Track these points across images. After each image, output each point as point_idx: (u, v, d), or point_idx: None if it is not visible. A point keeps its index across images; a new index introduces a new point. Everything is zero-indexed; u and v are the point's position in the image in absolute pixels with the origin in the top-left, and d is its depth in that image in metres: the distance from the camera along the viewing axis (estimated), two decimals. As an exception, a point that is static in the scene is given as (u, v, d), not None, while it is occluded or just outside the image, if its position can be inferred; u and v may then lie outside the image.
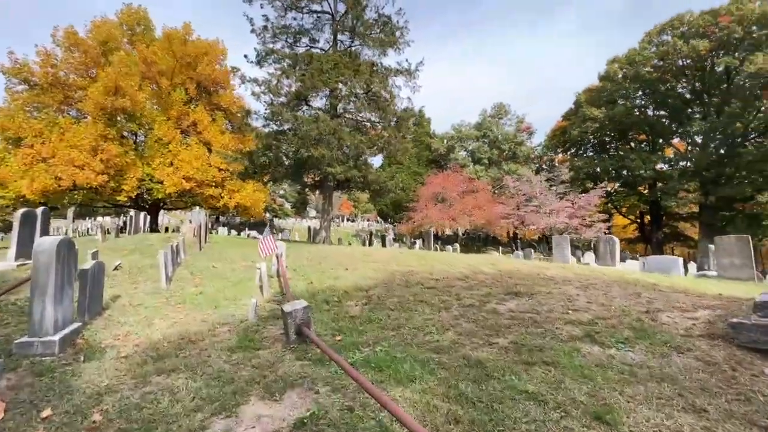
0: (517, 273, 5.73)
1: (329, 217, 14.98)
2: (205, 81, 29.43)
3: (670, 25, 36.40)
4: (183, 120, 27.64)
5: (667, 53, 34.49)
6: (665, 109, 40.09)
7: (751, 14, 29.57)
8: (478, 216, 31.82)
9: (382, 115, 12.75)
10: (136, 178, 23.87)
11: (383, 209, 57.62)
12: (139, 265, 7.66)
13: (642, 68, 36.91)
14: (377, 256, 8.67)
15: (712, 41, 31.54)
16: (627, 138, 44.56)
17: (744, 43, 30.21)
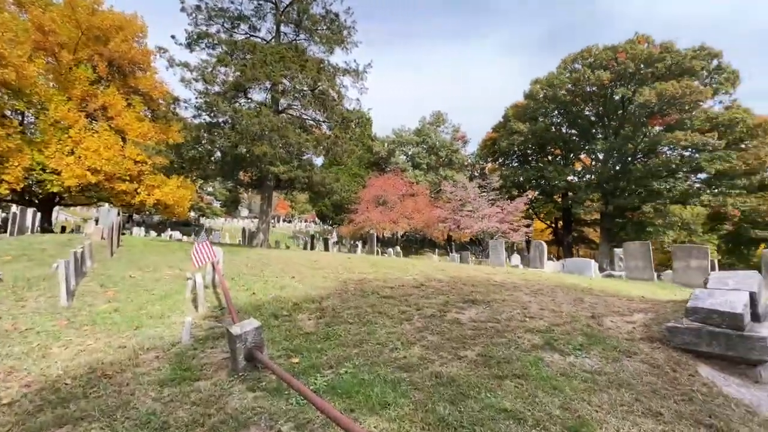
0: (469, 280, 5.86)
1: (268, 218, 14.04)
2: (120, 60, 25.75)
3: (580, 55, 41.68)
4: (89, 102, 23.82)
5: (578, 80, 39.42)
6: (576, 128, 45.80)
7: (641, 54, 35.26)
8: (418, 219, 32.81)
9: (328, 114, 12.31)
10: (23, 167, 19.90)
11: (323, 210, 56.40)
12: (28, 276, 6.21)
13: (558, 90, 41.63)
14: (325, 262, 8.26)
15: (612, 73, 36.87)
16: (546, 151, 49.96)
17: (635, 78, 35.86)
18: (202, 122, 12.62)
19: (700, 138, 31.45)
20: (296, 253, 10.74)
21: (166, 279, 6.71)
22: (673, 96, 31.06)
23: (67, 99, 22.48)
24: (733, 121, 32.86)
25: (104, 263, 8.06)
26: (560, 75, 42.10)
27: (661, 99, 31.86)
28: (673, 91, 30.79)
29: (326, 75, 11.68)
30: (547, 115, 45.33)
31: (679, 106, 32.54)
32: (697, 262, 8.12)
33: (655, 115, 34.37)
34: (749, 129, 33.04)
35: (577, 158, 48.03)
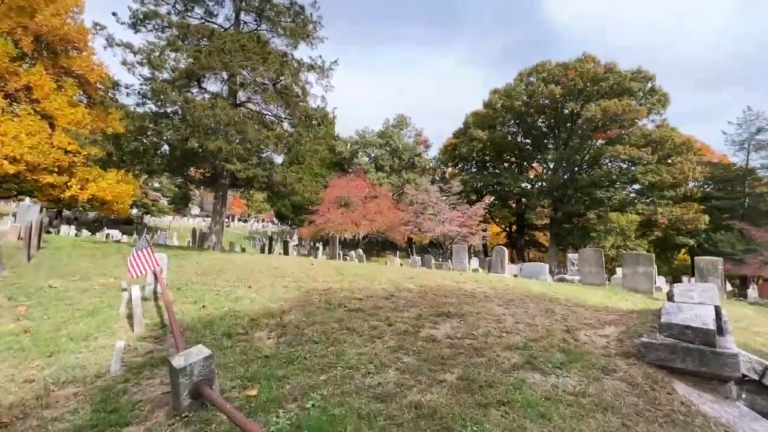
0: (440, 289, 5.67)
1: (222, 219, 13.02)
2: (49, 36, 22.83)
3: (535, 69, 44.17)
4: (9, 81, 20.83)
5: (533, 92, 41.74)
6: (530, 137, 48.48)
7: (588, 73, 38.12)
8: (380, 221, 32.66)
9: (291, 111, 11.65)
10: None
11: (282, 210, 54.41)
12: None
13: (515, 101, 43.76)
14: (286, 269, 7.69)
15: (563, 88, 39.48)
16: (502, 159, 52.37)
17: (583, 94, 38.70)
18: (147, 111, 11.37)
19: (637, 152, 34.64)
20: (254, 257, 9.98)
21: (96, 290, 5.79)
22: (615, 113, 33.88)
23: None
24: (663, 138, 36.59)
25: (18, 270, 6.84)
26: (517, 87, 44.31)
27: (605, 115, 34.62)
28: (615, 109, 33.60)
29: (290, 69, 11.04)
30: (505, 124, 47.51)
31: (619, 123, 35.57)
32: (644, 269, 8.70)
33: (599, 129, 37.32)
34: (676, 146, 36.94)
35: (530, 166, 50.86)
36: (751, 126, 39.81)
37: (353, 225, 32.72)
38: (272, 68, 10.10)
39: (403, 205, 37.68)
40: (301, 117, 12.23)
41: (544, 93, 40.38)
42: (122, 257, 9.13)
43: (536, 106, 43.87)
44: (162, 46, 9.83)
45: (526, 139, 49.08)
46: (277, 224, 68.39)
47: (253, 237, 48.84)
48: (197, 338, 4.02)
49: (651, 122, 40.50)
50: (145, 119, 10.85)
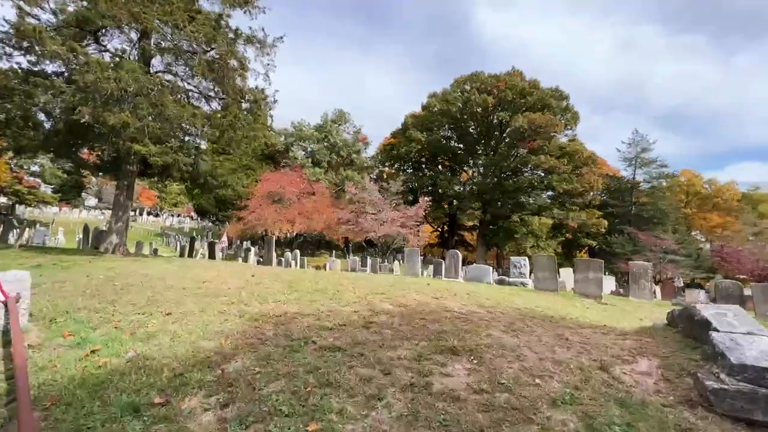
0: (423, 310, 4.72)
1: (126, 214, 10.40)
2: None
3: (470, 78, 46.42)
4: None
5: (468, 99, 43.76)
6: (463, 142, 50.89)
7: (516, 86, 41.18)
8: (318, 220, 30.86)
9: (225, 88, 9.66)
10: None
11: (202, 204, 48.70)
12: None
13: (451, 107, 45.46)
14: (218, 283, 6.01)
15: (494, 98, 42.09)
16: (437, 161, 54.22)
17: (512, 105, 41.71)
18: (16, 67, 8.35)
19: (556, 162, 38.44)
20: (171, 265, 7.90)
21: None
22: (540, 125, 37.09)
23: None
24: (575, 151, 41.26)
25: None
26: (453, 92, 46.06)
27: (530, 126, 37.70)
28: (540, 122, 36.78)
29: (224, 37, 9.08)
30: (440, 127, 49.09)
31: (542, 135, 39.09)
32: (594, 274, 8.98)
33: (525, 139, 40.60)
34: (584, 159, 41.96)
35: (462, 170, 53.51)
36: (638, 146, 47.23)
37: (288, 223, 30.36)
38: (202, 31, 8.09)
39: (341, 203, 36.31)
40: (235, 97, 10.27)
41: (478, 101, 42.58)
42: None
43: (470, 113, 46.14)
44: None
45: (459, 143, 51.45)
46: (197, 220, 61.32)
47: (167, 234, 42.81)
48: (77, 417, 2.45)
49: (564, 137, 45.50)
50: (8, 77, 7.91)
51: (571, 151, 41.26)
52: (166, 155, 7.84)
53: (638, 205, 46.55)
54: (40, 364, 3.02)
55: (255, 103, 10.67)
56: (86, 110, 6.54)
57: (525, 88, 40.86)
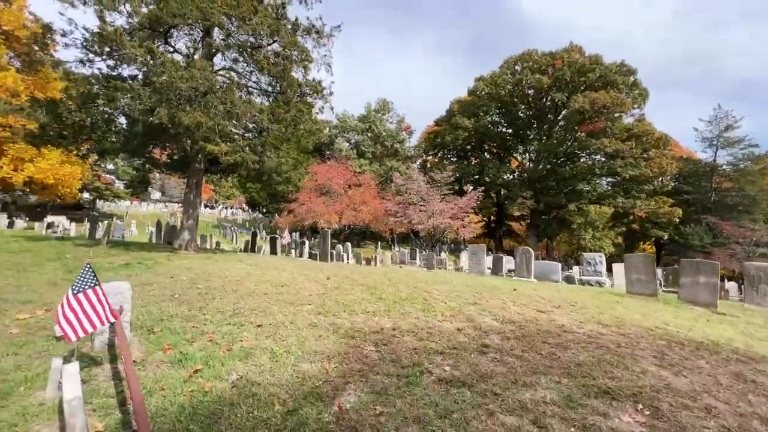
0: (534, 328, 4.07)
1: (196, 212, 10.71)
2: (-34, -20, 18.58)
3: (521, 58, 43.29)
4: None
5: (519, 81, 40.91)
6: (512, 127, 48.01)
7: (575, 63, 37.67)
8: (366, 212, 30.77)
9: (288, 82, 9.43)
10: None
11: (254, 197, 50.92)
12: None
13: (500, 90, 42.81)
14: (297, 287, 5.79)
15: (550, 78, 38.90)
16: (483, 148, 51.81)
17: (570, 85, 38.30)
18: (95, 72, 8.73)
19: (621, 145, 34.84)
20: (243, 265, 7.90)
21: (11, 338, 3.67)
22: (603, 105, 33.68)
23: None
24: (644, 132, 37.10)
25: None
26: (502, 75, 43.29)
27: (592, 107, 34.35)
28: (604, 101, 33.37)
29: (285, 29, 8.80)
30: (488, 112, 46.61)
31: (606, 115, 35.53)
32: (707, 279, 7.65)
33: (585, 121, 37.18)
34: (654, 141, 37.65)
35: (512, 157, 50.65)
36: (720, 123, 41.47)
37: (337, 215, 30.61)
38: (266, 22, 7.84)
39: (387, 193, 35.94)
40: (295, 90, 10.02)
41: (531, 82, 39.62)
42: (63, 267, 6.81)
43: (521, 96, 43.19)
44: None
45: (508, 128, 48.57)
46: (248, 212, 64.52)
47: (223, 226, 45.38)
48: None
49: (631, 117, 41.07)
50: (91, 83, 8.26)
51: (639, 132, 37.16)
52: (236, 153, 7.80)
53: (719, 191, 41.19)
54: (148, 387, 2.84)
55: (313, 95, 10.38)
56: (163, 111, 6.59)
57: (585, 64, 37.25)
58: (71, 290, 2.63)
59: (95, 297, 2.65)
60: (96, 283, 2.69)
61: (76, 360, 2.59)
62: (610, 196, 39.02)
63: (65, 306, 2.57)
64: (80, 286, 2.63)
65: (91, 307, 2.62)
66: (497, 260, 14.79)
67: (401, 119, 49.80)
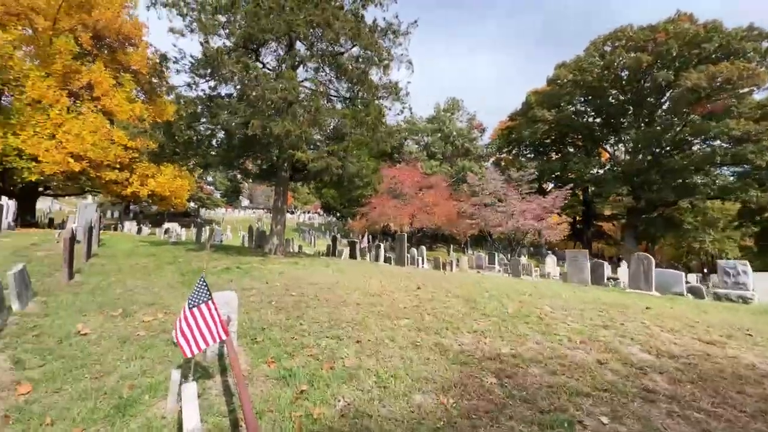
0: (707, 366, 3.10)
1: (284, 218, 11.25)
2: (106, 31, 22.60)
3: (611, 37, 38.24)
4: (72, 79, 20.74)
5: (612, 62, 36.09)
6: (601, 116, 42.64)
7: (685, 34, 31.87)
8: (439, 214, 29.96)
9: (366, 87, 9.34)
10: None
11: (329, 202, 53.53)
12: None
13: (587, 75, 38.34)
14: (389, 296, 5.48)
15: (650, 54, 33.55)
16: (566, 142, 46.91)
17: (678, 60, 32.54)
18: (199, 95, 9.70)
19: (754, 126, 28.33)
20: (329, 270, 7.94)
21: (139, 338, 3.95)
22: (727, 79, 27.83)
23: (47, 75, 19.42)
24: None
25: (51, 297, 5.30)
26: (589, 58, 38.73)
27: (710, 83, 28.62)
28: (727, 74, 27.55)
29: (365, 31, 8.71)
30: (572, 101, 42.15)
31: (730, 91, 29.31)
32: None
33: (699, 101, 31.14)
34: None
35: (602, 148, 45.04)
36: None
37: (409, 218, 30.36)
38: (347, 26, 7.83)
39: (460, 195, 34.59)
40: (374, 93, 9.89)
41: (626, 62, 34.65)
42: (177, 270, 7.53)
43: (613, 79, 38.07)
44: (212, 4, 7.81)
45: (596, 118, 43.26)
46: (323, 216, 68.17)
47: (302, 229, 48.45)
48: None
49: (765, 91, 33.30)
50: (196, 104, 9.17)
51: (777, 109, 29.92)
52: (321, 159, 7.91)
53: None
54: (258, 407, 2.70)
55: (391, 96, 10.14)
56: (256, 122, 6.95)
57: (699, 34, 31.29)
58: (187, 304, 2.60)
59: (208, 312, 2.58)
60: (209, 297, 2.63)
61: (194, 379, 2.54)
62: (737, 189, 32.01)
63: (182, 321, 2.54)
64: (195, 300, 2.58)
65: (205, 322, 2.55)
66: (597, 267, 12.90)
67: (472, 117, 47.86)
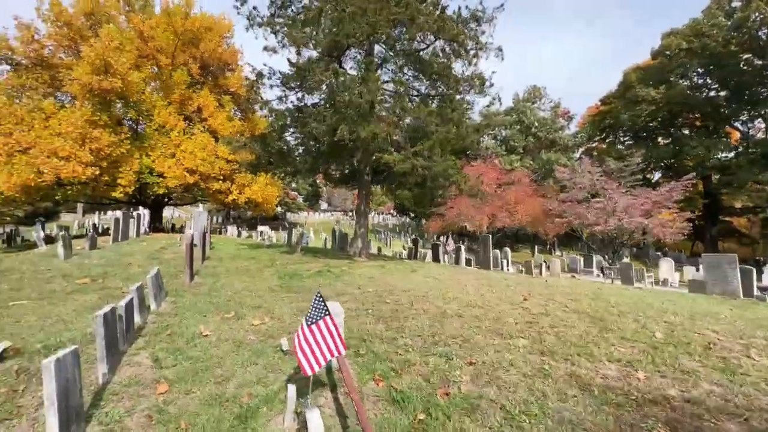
0: None
1: (367, 221, 11.32)
2: (210, 60, 25.91)
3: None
4: (186, 105, 24.23)
5: (744, 20, 29.34)
6: (729, 87, 35.02)
7: None
8: (522, 212, 27.69)
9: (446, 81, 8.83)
10: (133, 171, 20.64)
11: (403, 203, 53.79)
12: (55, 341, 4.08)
13: (707, 40, 31.84)
14: (489, 309, 4.94)
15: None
16: (677, 123, 39.60)
17: None
18: (288, 107, 10.29)
19: None
20: (420, 277, 7.62)
21: (250, 344, 4.10)
22: None
23: (168, 104, 22.99)
24: None
25: (178, 297, 5.95)
26: (711, 19, 32.11)
27: None
28: None
29: (449, 24, 8.19)
30: (686, 74, 35.52)
31: None
32: None
33: None
34: None
35: (731, 127, 37.02)
36: None
37: (489, 217, 28.69)
38: (431, 20, 7.45)
39: (545, 190, 31.54)
40: (456, 87, 9.30)
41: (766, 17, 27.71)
42: (275, 273, 7.99)
43: (745, 41, 30.89)
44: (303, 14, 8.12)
45: (721, 90, 35.59)
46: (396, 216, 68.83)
47: (377, 231, 49.52)
48: None
49: None
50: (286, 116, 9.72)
51: None
52: (407, 161, 7.67)
53: None
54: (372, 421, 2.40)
55: (476, 89, 9.44)
56: (344, 128, 7.01)
57: None
58: (305, 321, 2.49)
59: (326, 327, 2.43)
60: (326, 312, 2.48)
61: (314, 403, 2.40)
62: None
63: (301, 338, 2.43)
64: (314, 317, 2.45)
65: (323, 338, 2.40)
66: (746, 273, 10.33)
67: (556, 105, 43.47)
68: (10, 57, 20.03)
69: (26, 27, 19.41)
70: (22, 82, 20.13)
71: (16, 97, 20.25)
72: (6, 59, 20.10)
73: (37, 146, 16.99)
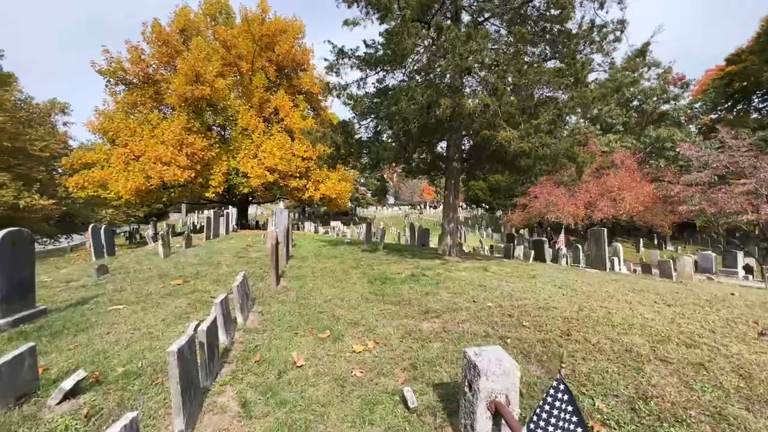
0: None
1: (456, 215, 9.85)
2: (284, 62, 26.57)
3: None
4: (265, 107, 25.22)
5: None
6: None
7: None
8: (630, 200, 23.36)
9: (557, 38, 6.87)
10: (222, 172, 22.05)
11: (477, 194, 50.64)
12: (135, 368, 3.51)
13: None
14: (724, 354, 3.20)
15: None
16: None
17: None
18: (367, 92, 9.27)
19: None
20: (545, 285, 5.97)
21: (358, 385, 3.03)
22: None
23: (249, 107, 24.11)
24: None
25: (265, 307, 5.25)
26: None
27: None
28: None
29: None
30: None
31: None
32: None
33: None
34: None
35: None
36: None
37: (586, 207, 24.87)
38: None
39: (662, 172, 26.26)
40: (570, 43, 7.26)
41: None
42: (364, 276, 7.03)
43: None
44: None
45: None
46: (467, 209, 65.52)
47: (450, 224, 47.32)
48: None
49: None
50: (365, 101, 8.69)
51: None
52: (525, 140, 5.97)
53: None
54: None
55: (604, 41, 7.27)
56: (447, 102, 5.65)
57: None
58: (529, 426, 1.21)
59: None
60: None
61: None
62: None
63: None
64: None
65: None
66: None
67: (666, 70, 36.13)
68: (124, 77, 22.62)
69: (134, 48, 21.70)
70: (134, 99, 22.64)
71: (131, 112, 22.90)
72: (122, 80, 22.76)
73: (146, 154, 18.92)
